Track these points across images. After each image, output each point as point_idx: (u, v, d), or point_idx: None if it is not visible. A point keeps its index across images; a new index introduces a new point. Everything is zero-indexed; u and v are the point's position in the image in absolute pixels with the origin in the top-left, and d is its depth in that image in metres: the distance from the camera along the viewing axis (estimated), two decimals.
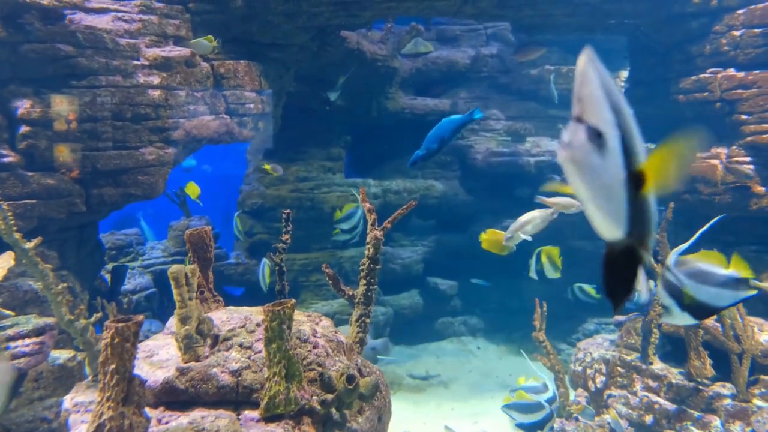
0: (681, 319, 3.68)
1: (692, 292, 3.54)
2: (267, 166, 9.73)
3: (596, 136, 1.39)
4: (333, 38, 9.59)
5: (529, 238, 6.00)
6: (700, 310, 3.62)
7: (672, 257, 3.82)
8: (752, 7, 7.25)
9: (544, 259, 7.24)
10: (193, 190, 9.73)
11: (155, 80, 6.61)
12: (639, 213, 1.44)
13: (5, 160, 5.91)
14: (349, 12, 7.96)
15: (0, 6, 5.77)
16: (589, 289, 9.09)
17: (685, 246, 4.00)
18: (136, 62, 6.57)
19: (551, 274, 7.28)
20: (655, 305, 6.78)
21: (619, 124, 1.44)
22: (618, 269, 1.52)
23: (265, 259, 8.40)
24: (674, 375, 6.54)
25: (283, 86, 8.94)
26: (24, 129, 5.96)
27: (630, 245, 1.48)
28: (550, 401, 6.22)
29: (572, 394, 7.29)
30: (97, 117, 6.30)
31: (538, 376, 6.57)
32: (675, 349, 6.89)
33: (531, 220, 5.96)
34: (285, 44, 8.12)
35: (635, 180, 1.41)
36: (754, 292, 3.71)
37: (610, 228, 1.45)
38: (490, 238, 5.98)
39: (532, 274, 7.27)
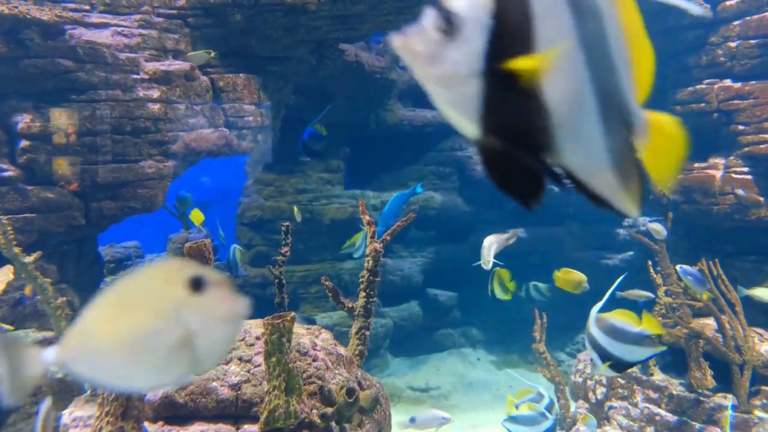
0: (603, 371, 3.93)
1: (607, 348, 3.81)
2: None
3: (446, 21, 1.18)
4: (331, 51, 9.65)
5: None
6: (617, 364, 3.86)
7: (592, 315, 4.12)
8: (748, 18, 7.31)
9: (495, 281, 7.26)
10: (197, 216, 9.75)
11: (155, 94, 6.64)
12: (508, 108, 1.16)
13: (5, 174, 5.92)
14: (347, 25, 8.01)
15: (0, 21, 5.81)
16: (542, 287, 9.08)
17: (601, 304, 4.28)
18: (135, 76, 6.61)
19: (501, 295, 7.32)
20: (655, 315, 6.77)
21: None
22: (504, 171, 1.27)
23: (234, 245, 8.42)
24: (675, 386, 6.51)
25: (282, 99, 8.98)
26: (24, 143, 5.98)
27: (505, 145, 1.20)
28: (548, 408, 6.16)
29: (573, 406, 7.26)
30: (96, 131, 6.32)
31: (530, 387, 6.52)
32: (675, 360, 6.86)
33: (490, 245, 6.01)
34: (284, 57, 8.17)
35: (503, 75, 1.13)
36: (663, 348, 4.18)
37: (462, 124, 1.20)
38: (564, 276, 5.91)
39: (497, 294, 7.36)
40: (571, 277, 5.75)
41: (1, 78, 5.95)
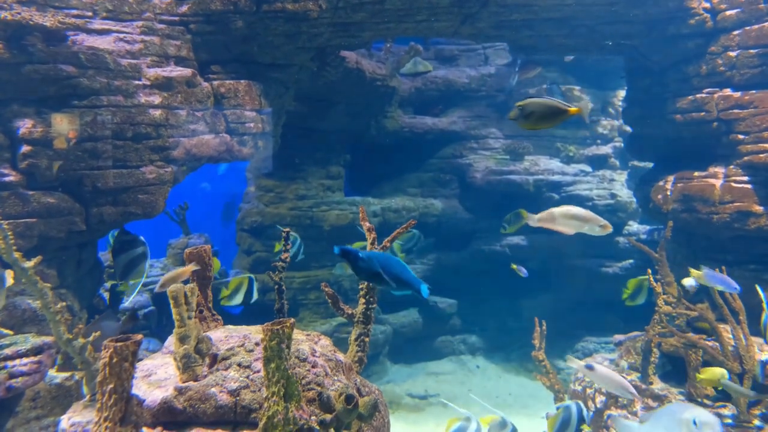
0: None
1: None
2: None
3: None
4: (332, 58, 9.69)
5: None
6: None
7: None
8: (748, 27, 7.34)
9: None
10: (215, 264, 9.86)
11: (156, 100, 6.67)
12: None
13: (6, 179, 5.94)
14: (348, 33, 8.05)
15: (3, 27, 5.84)
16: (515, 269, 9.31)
17: None
18: (137, 82, 6.63)
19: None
20: (654, 324, 6.77)
21: None
22: None
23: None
24: (675, 395, 6.50)
25: (283, 105, 9.00)
26: (25, 148, 6.00)
27: None
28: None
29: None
30: (97, 136, 6.34)
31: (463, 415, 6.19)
32: (675, 368, 6.86)
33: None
34: (285, 64, 8.20)
35: None
36: None
37: None
38: (707, 377, 5.92)
39: None
40: (712, 375, 5.77)
41: (3, 83, 5.98)
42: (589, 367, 5.22)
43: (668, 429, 4.07)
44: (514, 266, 9.70)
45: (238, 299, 7.83)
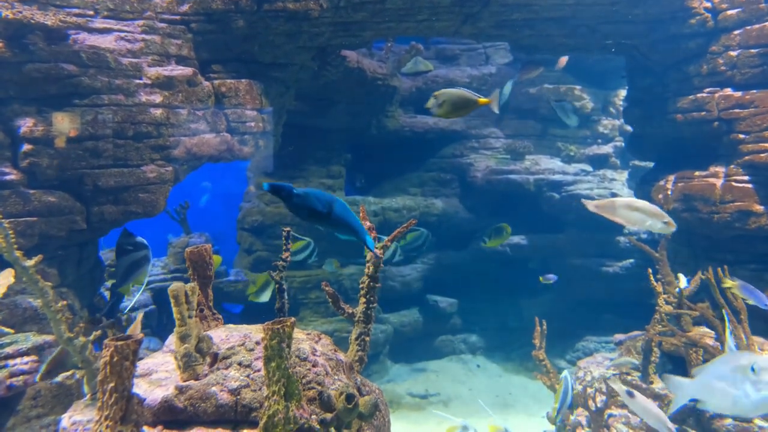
0: None
1: None
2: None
3: None
4: (333, 57, 9.69)
5: None
6: None
7: None
8: (748, 27, 7.34)
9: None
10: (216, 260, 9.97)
11: (157, 99, 6.67)
12: None
13: (7, 177, 5.94)
14: (349, 32, 8.05)
15: (5, 26, 5.84)
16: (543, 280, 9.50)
17: None
18: (138, 81, 6.63)
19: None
20: (655, 324, 6.77)
21: None
22: None
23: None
24: None
25: (284, 105, 9.00)
26: (26, 147, 6.00)
27: None
28: None
29: (573, 414, 7.24)
30: (98, 135, 6.34)
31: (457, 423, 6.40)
32: (676, 368, 6.86)
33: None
34: (286, 63, 8.20)
35: None
36: None
37: None
38: None
39: None
40: None
41: (4, 82, 5.98)
42: (630, 394, 5.17)
43: (724, 378, 3.90)
44: (542, 278, 9.76)
45: (266, 296, 7.81)
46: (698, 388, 4.10)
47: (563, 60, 11.85)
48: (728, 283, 6.16)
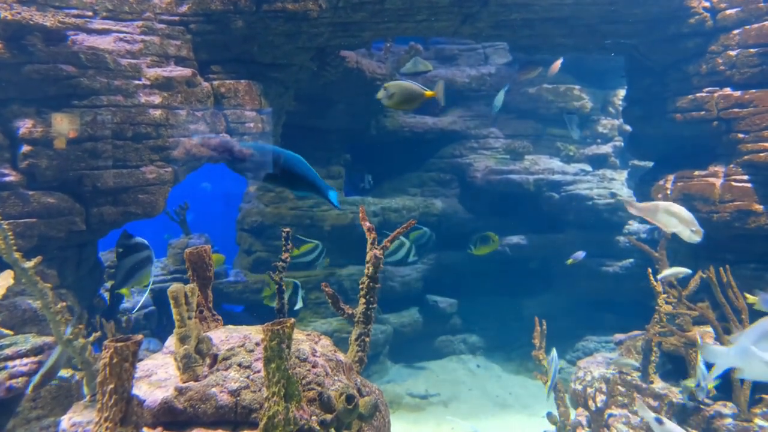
0: None
1: None
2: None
3: None
4: (332, 58, 9.69)
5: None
6: None
7: None
8: (747, 27, 7.34)
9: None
10: (216, 259, 10.19)
11: (156, 100, 6.66)
12: None
13: (6, 179, 5.94)
14: (348, 32, 8.04)
15: (3, 27, 5.84)
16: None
17: None
18: (137, 82, 6.63)
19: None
20: (655, 324, 6.77)
21: None
22: None
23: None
24: (675, 394, 6.51)
25: (283, 105, 9.00)
26: (25, 148, 6.00)
27: None
28: None
29: (573, 414, 7.25)
30: (97, 136, 6.34)
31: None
32: (676, 367, 6.86)
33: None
34: (285, 64, 8.19)
35: None
36: None
37: None
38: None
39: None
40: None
41: (3, 83, 5.98)
42: (659, 421, 5.14)
43: (763, 343, 3.75)
44: (571, 259, 9.88)
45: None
46: (737, 355, 3.99)
47: (556, 65, 11.98)
48: (751, 299, 6.20)
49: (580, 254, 9.90)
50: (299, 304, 7.85)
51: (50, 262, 6.21)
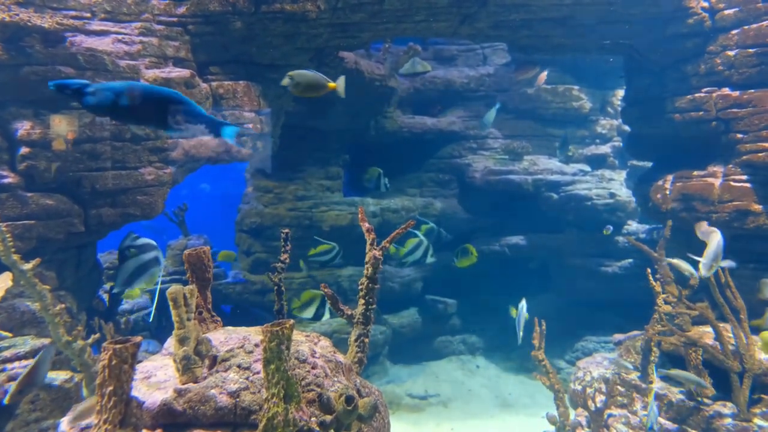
0: None
1: None
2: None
3: None
4: (331, 59, 9.67)
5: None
6: None
7: None
8: (746, 27, 7.34)
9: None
10: (228, 255, 10.52)
11: None
12: None
13: (5, 181, 5.93)
14: (347, 33, 8.04)
15: (2, 29, 5.83)
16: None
17: None
18: None
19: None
20: (654, 324, 6.77)
21: None
22: None
23: None
24: (674, 394, 6.51)
25: (282, 106, 9.00)
26: (24, 150, 5.99)
27: None
28: None
29: (572, 414, 7.25)
30: (96, 138, 6.33)
31: None
32: (675, 367, 6.86)
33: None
34: (284, 65, 8.18)
35: None
36: None
37: None
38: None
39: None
40: None
41: (1, 85, 5.97)
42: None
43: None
44: (606, 231, 10.03)
45: (309, 313, 7.86)
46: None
47: (542, 77, 12.08)
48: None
49: (609, 228, 10.31)
50: (326, 316, 7.89)
51: (49, 264, 6.20)
